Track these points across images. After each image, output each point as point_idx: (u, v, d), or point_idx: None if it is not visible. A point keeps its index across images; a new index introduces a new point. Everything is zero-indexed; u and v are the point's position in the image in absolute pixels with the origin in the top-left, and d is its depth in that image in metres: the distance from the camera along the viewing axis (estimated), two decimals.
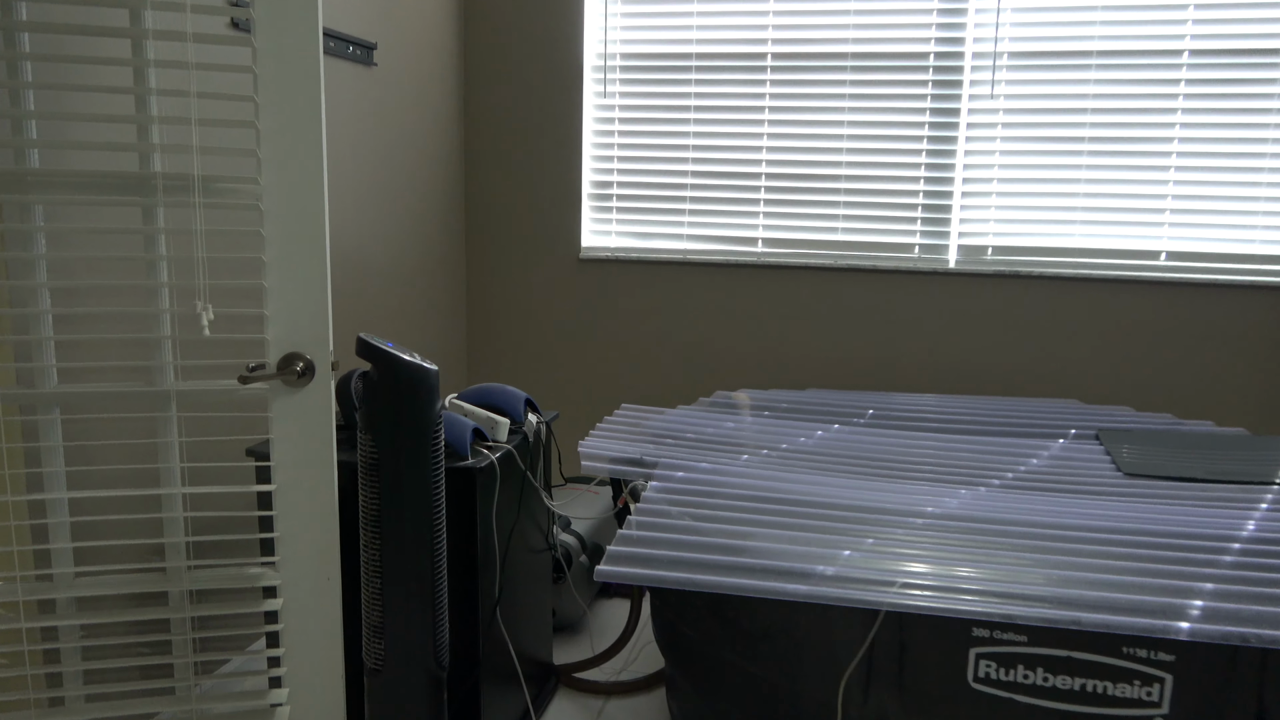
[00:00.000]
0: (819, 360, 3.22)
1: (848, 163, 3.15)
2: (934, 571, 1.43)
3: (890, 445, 2.18)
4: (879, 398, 2.68)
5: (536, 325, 3.41)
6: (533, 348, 3.42)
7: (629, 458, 1.98)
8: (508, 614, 1.93)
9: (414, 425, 1.41)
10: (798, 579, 1.40)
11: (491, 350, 3.46)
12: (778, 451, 2.15)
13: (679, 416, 2.39)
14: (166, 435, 1.55)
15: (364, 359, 1.39)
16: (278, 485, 1.59)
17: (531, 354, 3.42)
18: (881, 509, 1.72)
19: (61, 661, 1.56)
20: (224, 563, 1.58)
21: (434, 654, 1.46)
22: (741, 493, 1.79)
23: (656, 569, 1.45)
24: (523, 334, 3.42)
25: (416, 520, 1.42)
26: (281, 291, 1.55)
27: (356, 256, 2.67)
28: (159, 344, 1.53)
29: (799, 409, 2.55)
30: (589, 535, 2.54)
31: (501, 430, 1.84)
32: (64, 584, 1.54)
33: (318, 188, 1.54)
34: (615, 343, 3.35)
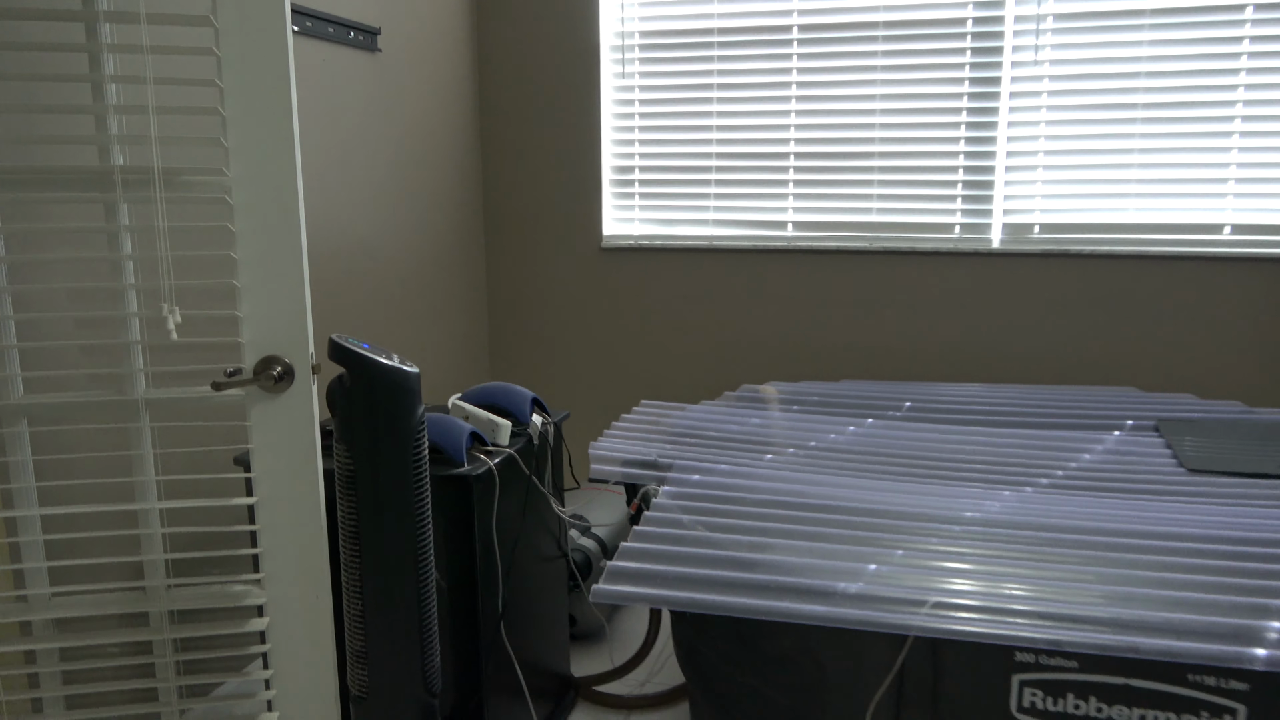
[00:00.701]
0: (853, 349, 3.05)
1: (881, 139, 2.98)
2: (971, 588, 1.28)
3: (927, 441, 2.02)
4: (917, 388, 2.51)
5: (558, 318, 3.29)
6: (554, 341, 3.31)
7: (642, 460, 1.85)
8: (517, 626, 1.81)
9: (393, 434, 1.29)
10: (816, 599, 1.26)
11: (513, 344, 3.35)
12: (805, 450, 2.01)
13: (701, 413, 2.26)
14: (140, 447, 1.46)
15: (337, 363, 1.28)
16: (260, 497, 1.49)
17: (553, 348, 3.31)
18: (915, 514, 1.57)
19: (41, 686, 1.48)
20: (205, 580, 1.49)
21: (423, 680, 1.35)
22: (761, 498, 1.65)
23: (659, 587, 1.32)
24: (544, 327, 3.31)
25: (398, 537, 1.31)
26: (255, 291, 1.44)
27: (366, 252, 2.57)
28: (128, 350, 1.43)
29: (830, 402, 2.40)
30: (611, 539, 2.41)
31: (502, 433, 1.72)
32: (39, 605, 1.46)
33: (290, 178, 1.43)
34: (639, 335, 3.22)
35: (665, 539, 1.47)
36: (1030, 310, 2.89)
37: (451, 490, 1.59)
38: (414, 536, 1.32)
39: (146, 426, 1.47)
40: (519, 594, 1.82)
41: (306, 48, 2.28)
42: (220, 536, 1.57)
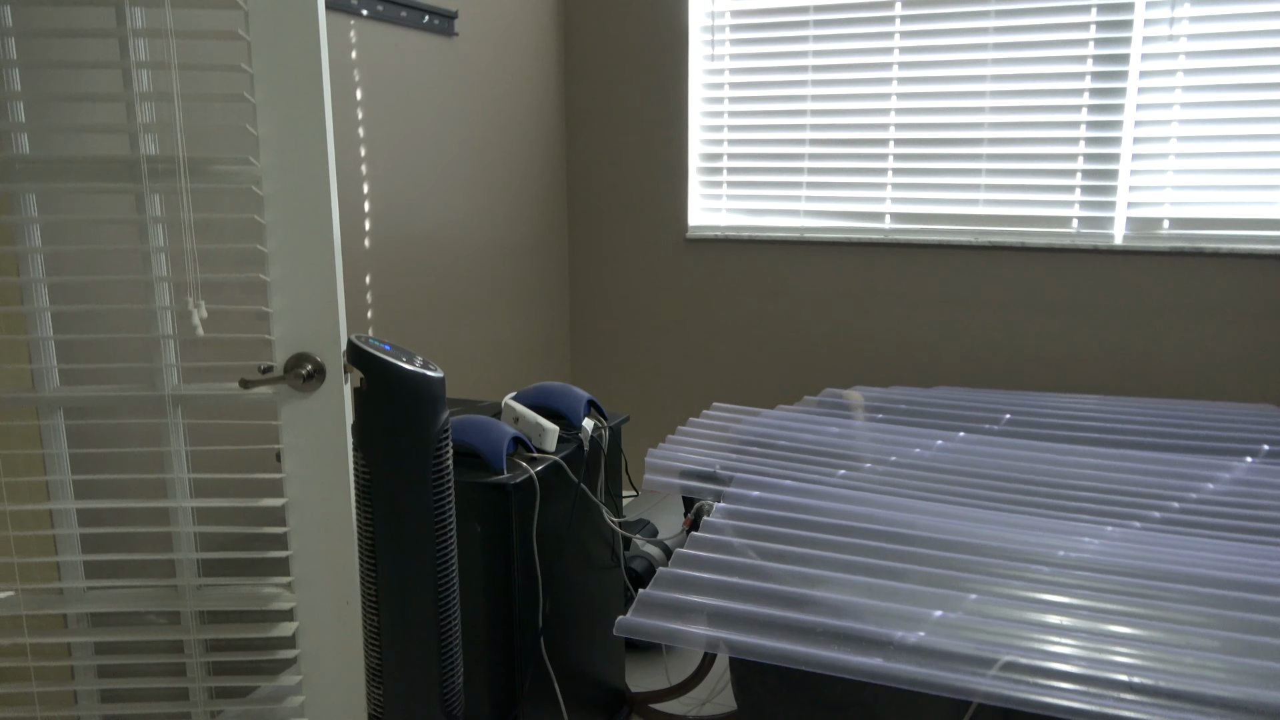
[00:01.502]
0: (951, 353, 2.83)
1: (992, 123, 2.73)
2: (1056, 648, 1.10)
3: (1023, 461, 1.82)
4: (1019, 399, 2.29)
5: (640, 312, 3.18)
6: (634, 336, 3.20)
7: (701, 471, 1.72)
8: (566, 639, 1.72)
9: (412, 443, 1.20)
10: (869, 649, 1.11)
11: (593, 340, 3.26)
12: (883, 466, 1.83)
13: (775, 419, 2.11)
14: (171, 443, 1.42)
15: (354, 365, 1.20)
16: (290, 499, 1.43)
17: (633, 343, 3.20)
18: (997, 550, 1.39)
19: (76, 679, 1.47)
20: (235, 582, 1.44)
21: (441, 703, 1.27)
22: (824, 521, 1.50)
23: (692, 622, 1.19)
24: (625, 322, 3.20)
25: (416, 552, 1.22)
26: (285, 286, 1.38)
27: (441, 243, 2.51)
28: (159, 344, 1.39)
29: (919, 411, 2.20)
30: (678, 546, 2.29)
31: (549, 439, 1.62)
32: (74, 598, 1.45)
33: (322, 167, 1.36)
34: (722, 331, 3.08)
35: (709, 565, 1.34)
36: (1155, 314, 2.61)
37: (489, 498, 1.50)
38: (434, 552, 1.23)
39: (179, 423, 1.43)
40: (569, 605, 1.72)
41: (377, 32, 2.23)
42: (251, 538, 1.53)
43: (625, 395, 3.24)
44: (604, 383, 3.27)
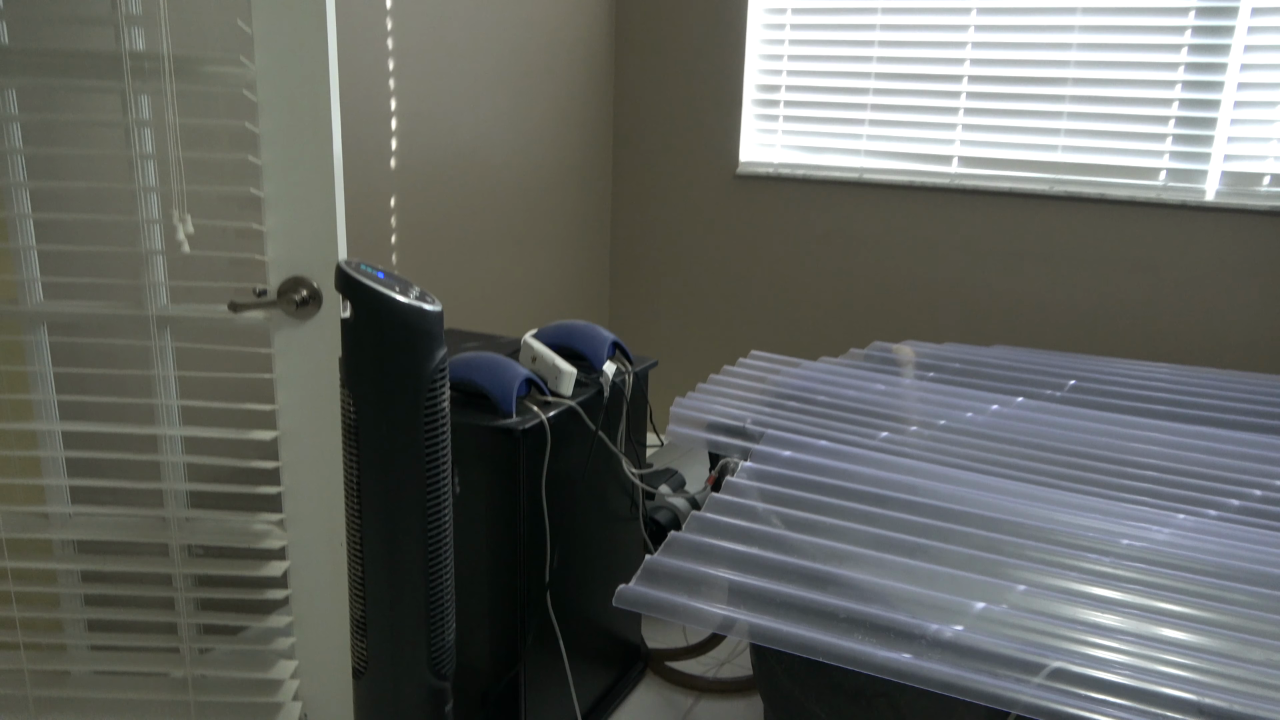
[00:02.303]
0: (1015, 310, 2.63)
1: (1077, 61, 2.49)
2: (1112, 655, 0.96)
3: (1088, 433, 1.65)
4: (1086, 363, 2.10)
5: (683, 250, 3.02)
6: (676, 276, 3.05)
7: (729, 425, 1.59)
8: (579, 593, 1.62)
9: (404, 383, 1.09)
10: (898, 641, 0.98)
11: (634, 277, 3.12)
12: (932, 429, 1.68)
13: (817, 372, 1.96)
14: (159, 367, 1.33)
15: (342, 293, 1.09)
16: (282, 432, 1.34)
17: (674, 283, 3.05)
18: (1053, 534, 1.24)
19: (61, 607, 1.41)
20: (225, 516, 1.37)
21: (429, 660, 1.18)
22: (860, 489, 1.36)
23: (701, 596, 1.07)
24: (667, 260, 3.05)
25: (405, 499, 1.12)
26: (280, 203, 1.27)
27: (473, 165, 2.38)
28: (146, 260, 1.29)
29: (975, 372, 2.04)
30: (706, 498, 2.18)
31: (565, 382, 1.50)
32: (59, 523, 1.38)
33: (322, 73, 1.23)
34: (769, 274, 2.91)
35: (727, 532, 1.22)
36: (1246, 278, 2.38)
37: (496, 444, 1.39)
38: (424, 502, 1.13)
39: (167, 345, 1.34)
40: (583, 558, 1.62)
41: None
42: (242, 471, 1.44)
43: (663, 338, 3.11)
44: (642, 324, 3.13)
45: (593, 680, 1.74)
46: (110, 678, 1.43)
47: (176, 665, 1.40)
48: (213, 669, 1.39)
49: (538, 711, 1.54)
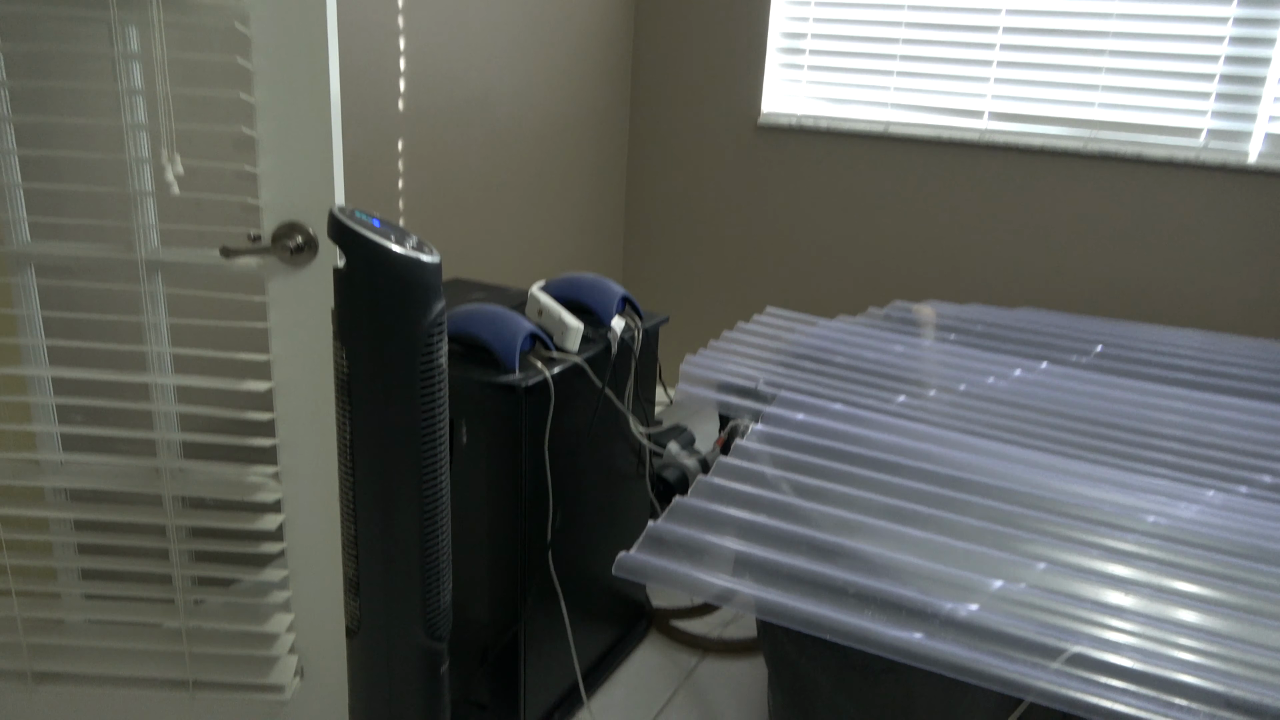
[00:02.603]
0: (1044, 272, 2.55)
1: (1119, 14, 2.37)
2: (1134, 640, 0.92)
3: (1114, 401, 1.59)
4: (1114, 329, 2.03)
5: (701, 203, 2.94)
6: (693, 230, 2.97)
7: (741, 385, 1.54)
8: (582, 552, 1.59)
9: (399, 337, 1.04)
10: (911, 620, 0.94)
11: (650, 230, 3.04)
12: (951, 395, 1.63)
13: (834, 331, 1.90)
14: (151, 313, 1.29)
15: (335, 242, 1.03)
16: (277, 383, 1.30)
17: (691, 237, 2.97)
18: (1074, 508, 1.19)
19: (54, 555, 1.39)
20: (219, 467, 1.33)
21: (423, 620, 1.14)
22: (874, 456, 1.31)
23: (704, 566, 1.03)
24: (684, 212, 2.97)
25: (399, 457, 1.08)
26: (274, 145, 1.21)
27: (485, 110, 2.30)
28: (136, 201, 1.24)
29: (999, 335, 1.97)
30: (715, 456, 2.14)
31: (571, 337, 1.45)
32: (50, 471, 1.35)
33: (319, 5, 1.16)
34: (789, 229, 2.83)
35: (734, 499, 1.17)
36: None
37: (498, 400, 1.35)
38: (419, 460, 1.08)
39: (158, 291, 1.30)
40: (588, 516, 1.58)
41: None
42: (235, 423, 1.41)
43: (677, 293, 3.04)
44: (656, 278, 3.07)
45: (596, 638, 1.71)
46: (105, 627, 1.41)
47: (171, 616, 1.38)
48: (208, 621, 1.37)
49: (538, 670, 1.52)
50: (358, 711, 1.18)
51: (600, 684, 1.72)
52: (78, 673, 1.41)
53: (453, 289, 1.79)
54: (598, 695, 1.70)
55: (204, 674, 1.38)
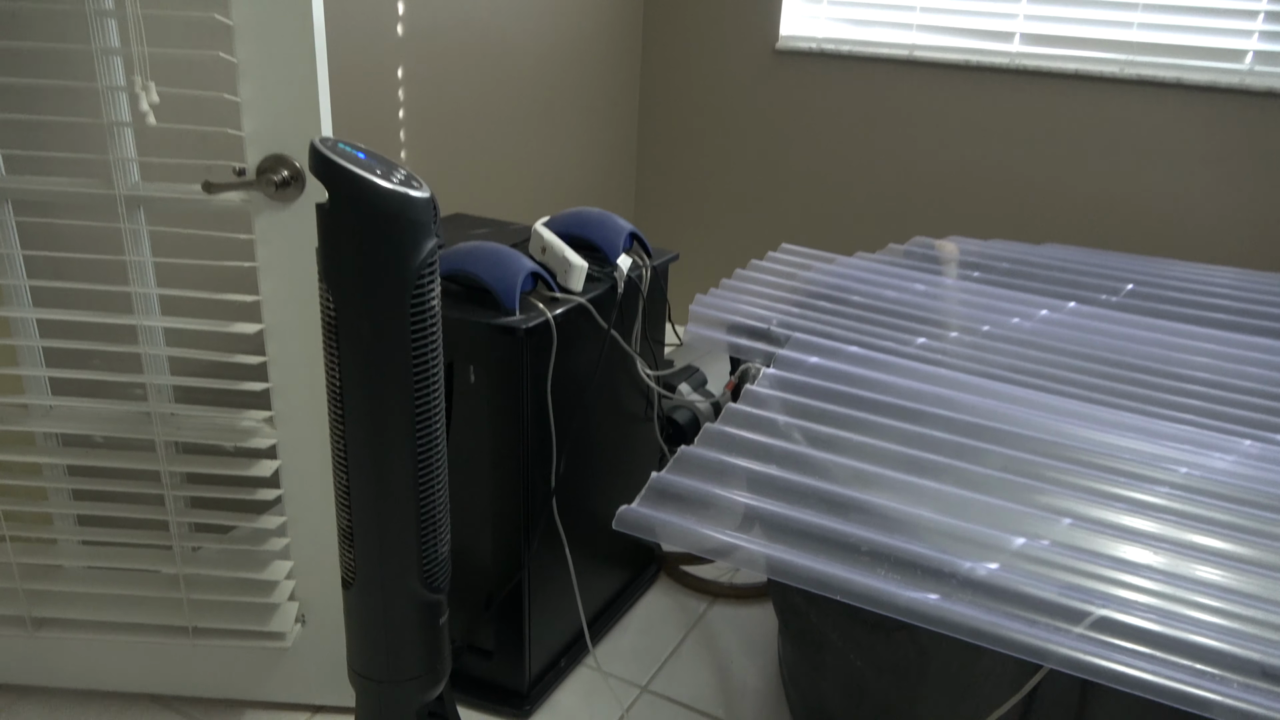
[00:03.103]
0: (1075, 205, 2.44)
1: None
2: (1163, 602, 0.86)
3: (1146, 344, 1.51)
4: (1146, 266, 1.94)
5: (715, 132, 2.83)
6: (708, 161, 2.86)
7: (751, 326, 1.47)
8: (589, 497, 1.55)
9: (387, 277, 0.98)
10: (924, 579, 0.89)
11: (664, 162, 2.94)
12: (973, 336, 1.56)
13: (852, 269, 1.82)
14: (133, 251, 1.23)
15: (316, 176, 0.97)
16: (268, 325, 1.25)
17: (706, 169, 2.87)
18: (1102, 460, 1.13)
19: (49, 501, 1.36)
20: (211, 412, 1.29)
21: (420, 572, 1.11)
22: (891, 402, 1.25)
23: (708, 520, 0.98)
24: (698, 142, 2.86)
25: (389, 404, 1.03)
26: (256, 71, 1.13)
27: (490, 33, 2.20)
28: (111, 132, 1.18)
29: (1024, 272, 1.88)
30: (726, 399, 2.08)
31: (575, 276, 1.38)
32: (39, 415, 1.32)
33: None
34: (808, 161, 2.72)
35: (741, 448, 1.12)
36: None
37: (498, 343, 1.29)
38: (412, 407, 1.03)
39: (141, 229, 1.24)
40: (595, 461, 1.54)
41: None
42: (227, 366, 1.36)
43: (692, 229, 2.96)
44: (670, 213, 2.98)
45: (604, 583, 1.69)
46: (104, 573, 1.39)
47: (168, 563, 1.35)
48: (206, 568, 1.34)
49: (543, 617, 1.50)
50: (356, 663, 1.16)
51: (609, 629, 1.70)
52: (77, 619, 1.40)
53: (454, 225, 1.73)
54: (606, 640, 1.68)
55: (203, 621, 1.36)
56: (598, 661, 1.61)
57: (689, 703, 1.53)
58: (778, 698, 1.54)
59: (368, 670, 1.15)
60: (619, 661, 1.62)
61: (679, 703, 1.53)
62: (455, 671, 1.53)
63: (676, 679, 1.59)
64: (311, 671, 1.43)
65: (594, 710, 1.51)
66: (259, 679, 1.43)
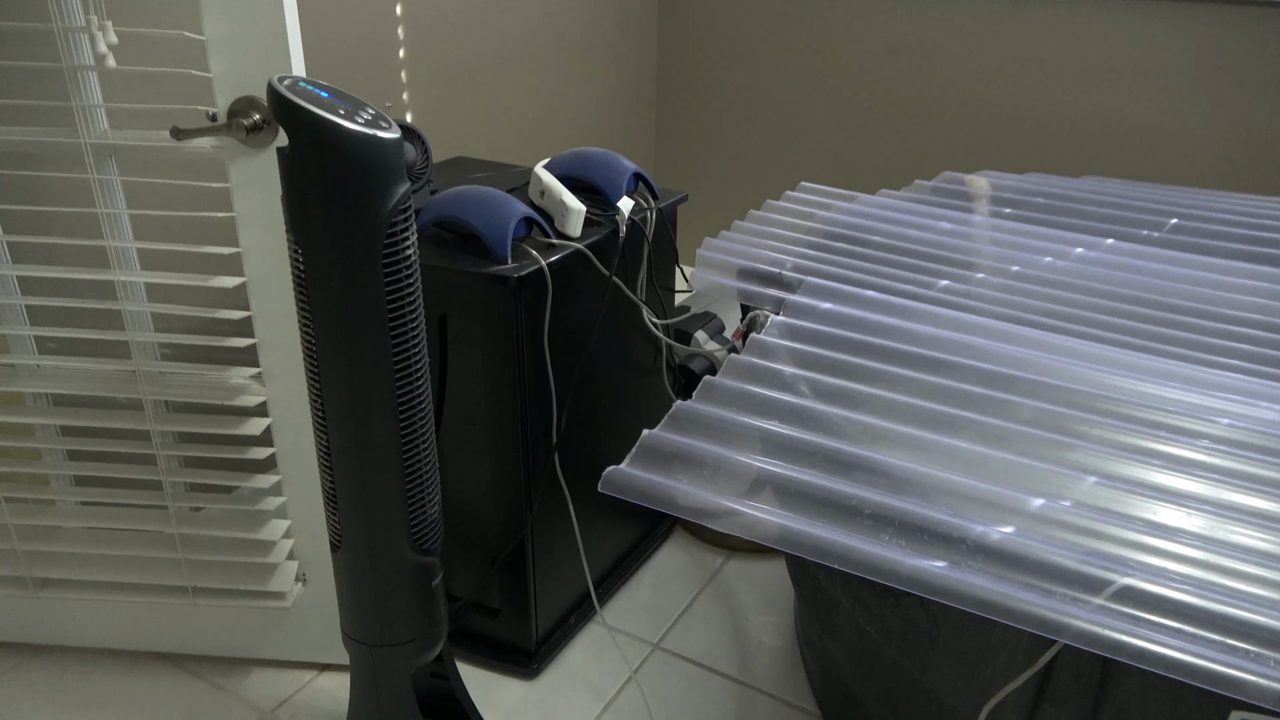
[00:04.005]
0: (1118, 135, 2.30)
1: None
2: (1197, 571, 0.79)
3: (1190, 283, 1.41)
4: (1192, 198, 1.81)
5: (739, 66, 2.70)
6: (729, 99, 2.74)
7: (761, 271, 1.39)
8: (597, 453, 1.50)
9: (356, 226, 0.92)
10: (932, 545, 0.82)
11: (683, 98, 2.82)
12: (1002, 277, 1.46)
13: (873, 207, 1.72)
14: (105, 204, 1.18)
15: (275, 118, 0.90)
16: (250, 277, 1.20)
17: (727, 107, 2.75)
18: (1136, 411, 1.04)
19: (44, 461, 1.34)
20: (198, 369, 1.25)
21: (408, 534, 1.07)
22: (907, 350, 1.17)
23: (704, 480, 0.92)
24: (720, 78, 2.74)
25: (367, 361, 0.97)
26: (221, 6, 1.06)
27: None
28: (74, 77, 1.12)
29: (1059, 208, 1.77)
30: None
31: (572, 220, 1.31)
32: (26, 375, 1.29)
33: None
34: (834, 93, 2.59)
35: (743, 403, 1.05)
36: None
37: (490, 293, 1.23)
38: (388, 361, 0.98)
39: (115, 180, 1.18)
40: (604, 413, 1.48)
41: None
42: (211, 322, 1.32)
43: (715, 169, 2.85)
44: (691, 153, 2.87)
45: (615, 539, 1.64)
46: (103, 534, 1.37)
47: (165, 523, 1.33)
48: (203, 528, 1.32)
49: (549, 575, 1.46)
50: (348, 627, 1.12)
51: (622, 584, 1.66)
52: (79, 579, 1.38)
53: (454, 169, 1.65)
54: (618, 596, 1.64)
55: (202, 581, 1.34)
56: (604, 619, 1.58)
57: (701, 660, 1.49)
58: (794, 657, 1.50)
59: (359, 634, 1.12)
60: (631, 618, 1.58)
61: (691, 660, 1.49)
62: (463, 629, 1.50)
63: (689, 636, 1.55)
64: (316, 630, 1.41)
65: (604, 668, 1.47)
66: (263, 638, 1.41)
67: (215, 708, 1.37)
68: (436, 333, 1.30)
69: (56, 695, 1.38)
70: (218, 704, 1.37)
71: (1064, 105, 2.32)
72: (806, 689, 1.43)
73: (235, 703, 1.38)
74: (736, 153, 2.80)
